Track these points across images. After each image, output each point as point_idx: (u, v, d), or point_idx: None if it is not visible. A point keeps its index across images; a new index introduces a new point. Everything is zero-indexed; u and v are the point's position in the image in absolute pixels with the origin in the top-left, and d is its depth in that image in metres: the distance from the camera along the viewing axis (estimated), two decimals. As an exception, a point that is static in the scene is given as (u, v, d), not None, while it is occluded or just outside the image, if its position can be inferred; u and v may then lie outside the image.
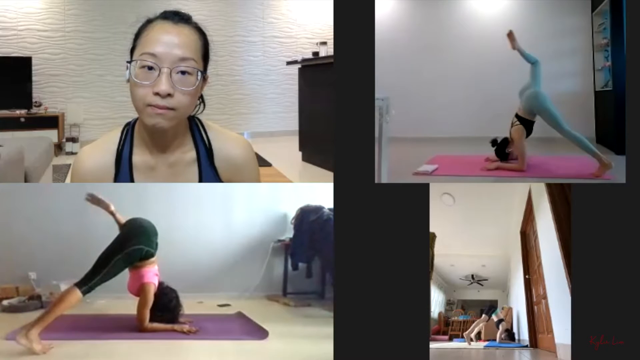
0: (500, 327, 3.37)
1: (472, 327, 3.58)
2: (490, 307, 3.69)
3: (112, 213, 2.65)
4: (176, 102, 1.26)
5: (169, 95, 1.24)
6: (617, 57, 4.43)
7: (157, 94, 1.24)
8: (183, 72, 1.26)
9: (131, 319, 2.57)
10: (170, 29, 1.28)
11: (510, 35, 3.60)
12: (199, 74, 1.29)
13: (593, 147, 3.24)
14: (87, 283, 2.27)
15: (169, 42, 1.26)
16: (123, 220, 2.64)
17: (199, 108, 1.43)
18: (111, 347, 2.29)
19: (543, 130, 3.64)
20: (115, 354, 2.22)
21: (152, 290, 2.54)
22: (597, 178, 3.15)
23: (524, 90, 3.57)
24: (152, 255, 2.54)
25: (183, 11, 1.35)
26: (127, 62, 1.28)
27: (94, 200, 2.65)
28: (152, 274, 2.57)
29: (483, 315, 3.62)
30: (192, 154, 1.41)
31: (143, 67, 1.25)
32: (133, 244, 2.45)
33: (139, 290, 2.54)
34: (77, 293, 2.25)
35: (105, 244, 2.44)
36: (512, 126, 3.58)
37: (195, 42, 1.31)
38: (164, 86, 1.23)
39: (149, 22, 1.31)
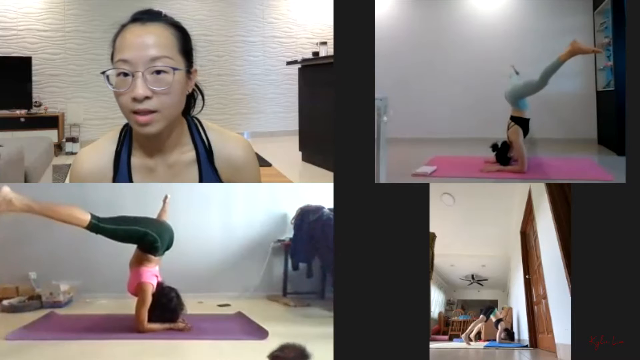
0: (499, 326, 3.37)
1: (470, 327, 3.58)
2: (488, 307, 3.69)
3: (165, 204, 2.99)
4: (157, 104, 1.24)
5: (147, 98, 1.23)
6: (619, 56, 4.36)
7: (134, 99, 1.22)
8: (158, 72, 1.24)
9: (131, 319, 2.56)
10: (138, 31, 1.26)
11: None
12: (175, 71, 1.26)
13: (555, 61, 3.27)
14: (100, 221, 2.21)
15: (138, 44, 1.24)
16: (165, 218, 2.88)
17: (198, 105, 1.41)
18: (111, 347, 2.29)
19: (543, 130, 3.64)
20: (114, 354, 2.22)
21: (149, 290, 2.54)
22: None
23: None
24: (156, 250, 2.54)
25: (156, 9, 1.32)
26: (101, 72, 1.26)
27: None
28: (151, 274, 2.58)
29: (481, 316, 3.62)
30: (192, 154, 1.40)
31: (119, 74, 1.24)
32: (154, 232, 2.51)
33: (137, 289, 2.55)
34: (86, 217, 2.16)
35: (105, 243, 2.42)
36: (508, 129, 3.58)
37: (167, 39, 1.28)
38: (140, 90, 1.21)
39: (123, 27, 1.29)
